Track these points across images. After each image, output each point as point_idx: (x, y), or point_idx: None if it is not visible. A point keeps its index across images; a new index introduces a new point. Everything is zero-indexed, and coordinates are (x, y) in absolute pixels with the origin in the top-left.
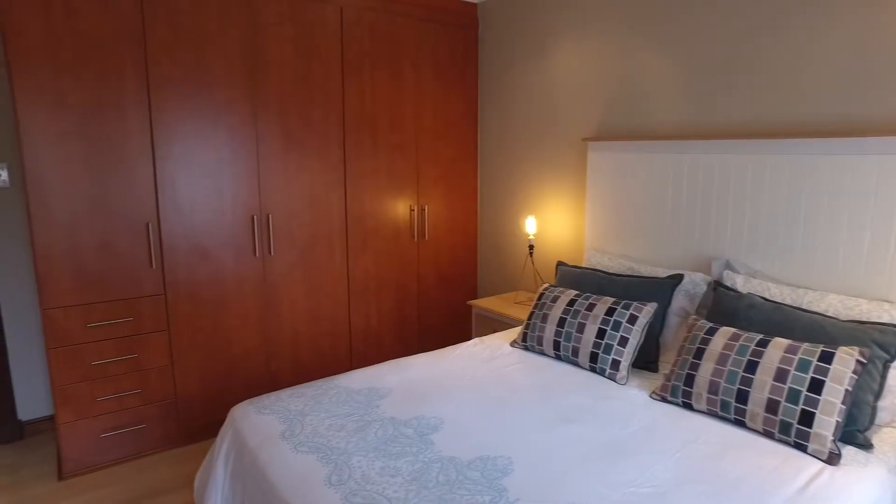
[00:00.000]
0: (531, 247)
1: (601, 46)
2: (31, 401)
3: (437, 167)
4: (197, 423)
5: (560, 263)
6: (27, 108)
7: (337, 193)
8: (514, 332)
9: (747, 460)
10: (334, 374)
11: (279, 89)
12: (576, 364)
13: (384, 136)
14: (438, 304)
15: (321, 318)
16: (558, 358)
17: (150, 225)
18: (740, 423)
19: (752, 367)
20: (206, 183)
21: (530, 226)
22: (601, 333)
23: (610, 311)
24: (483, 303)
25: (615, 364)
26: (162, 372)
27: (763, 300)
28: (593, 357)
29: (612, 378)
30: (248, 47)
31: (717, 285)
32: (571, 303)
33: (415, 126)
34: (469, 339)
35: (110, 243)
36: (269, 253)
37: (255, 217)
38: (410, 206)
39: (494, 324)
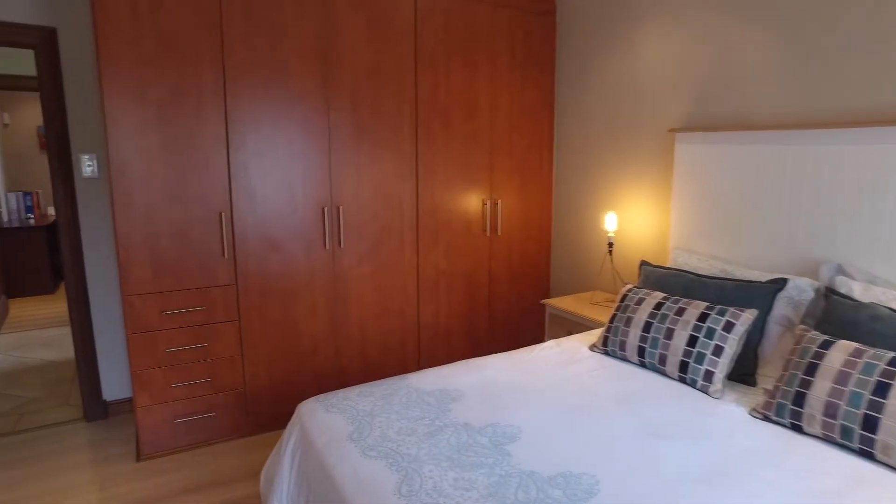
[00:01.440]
0: (610, 245)
1: (692, 28)
2: (114, 382)
3: (511, 159)
4: (265, 414)
5: (644, 263)
6: (113, 100)
7: (408, 185)
8: (593, 336)
9: (881, 502)
10: (402, 371)
11: (352, 79)
12: (662, 373)
13: (457, 126)
14: (509, 301)
15: (390, 313)
16: (642, 365)
17: (223, 215)
18: (867, 455)
19: (882, 389)
20: (277, 173)
21: (610, 222)
22: (692, 341)
23: (703, 317)
24: (557, 302)
25: (708, 375)
26: (232, 362)
27: (891, 311)
28: (683, 366)
29: (704, 391)
30: (322, 36)
31: (829, 292)
32: (658, 306)
33: (489, 117)
34: (541, 340)
35: (185, 232)
36: (339, 245)
37: (325, 209)
38: (483, 199)
39: (569, 325)
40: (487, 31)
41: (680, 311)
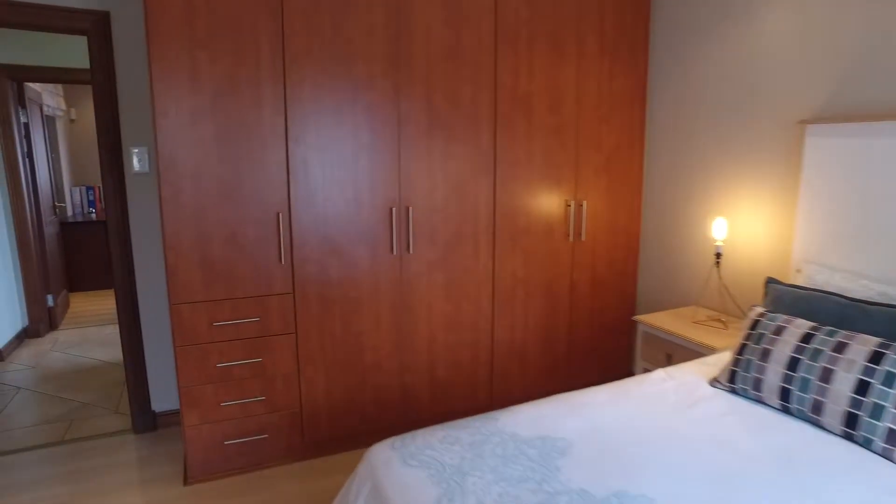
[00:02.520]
0: (718, 255)
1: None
2: (164, 392)
3: (599, 156)
4: (322, 436)
5: (771, 280)
6: (162, 86)
7: (485, 185)
8: (709, 366)
9: None
10: (472, 392)
11: (425, 63)
12: (817, 424)
13: (540, 118)
14: (591, 315)
15: (461, 327)
16: (786, 411)
17: (280, 215)
18: None
19: None
20: (341, 170)
21: (718, 229)
22: (863, 388)
23: (876, 357)
24: (652, 319)
25: (893, 436)
26: (287, 379)
27: None
28: (851, 420)
29: (888, 456)
30: (393, 14)
31: None
32: (807, 338)
33: (575, 107)
34: (627, 361)
35: (239, 235)
36: (408, 250)
37: (393, 209)
38: (567, 200)
39: (667, 346)
40: (574, 8)
41: (839, 347)
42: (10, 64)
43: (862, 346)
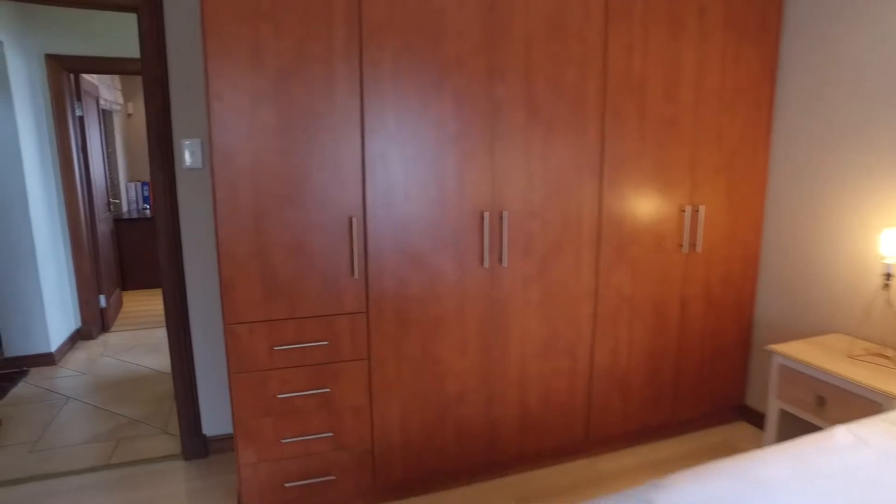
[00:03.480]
0: (888, 276)
1: None
2: (216, 414)
3: (719, 153)
4: (396, 479)
5: None
6: (218, 65)
7: (590, 185)
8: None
9: None
10: (568, 427)
11: (524, 38)
12: None
13: (654, 106)
14: (703, 338)
15: (557, 352)
16: None
17: (353, 220)
18: None
19: None
20: (424, 166)
21: (889, 244)
22: None
23: None
24: (792, 350)
25: None
26: (358, 412)
27: None
28: None
29: None
30: None
31: None
32: None
33: (693, 93)
34: (742, 393)
35: (305, 243)
36: (500, 262)
37: (485, 214)
38: (681, 205)
39: (816, 386)
40: None
41: None
42: (66, 55)
43: None
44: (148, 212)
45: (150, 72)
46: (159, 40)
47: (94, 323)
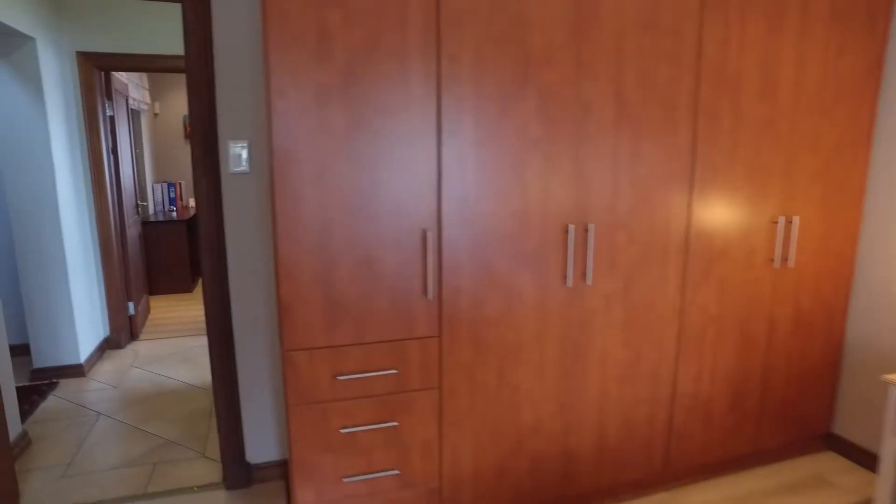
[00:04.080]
0: None
1: None
2: (261, 439)
3: (816, 158)
4: None
5: None
6: (282, 58)
7: (679, 194)
8: None
9: None
10: (647, 458)
11: (614, 32)
12: None
13: (750, 107)
14: (790, 361)
15: (639, 376)
16: None
17: (428, 234)
18: None
19: None
20: (504, 174)
21: None
22: None
23: None
24: None
25: None
26: (426, 447)
27: None
28: None
29: None
30: None
31: None
32: None
33: (792, 92)
34: (827, 420)
35: (374, 259)
36: (584, 280)
37: (570, 227)
38: (773, 215)
39: None
40: None
41: None
42: (97, 52)
43: None
44: (175, 214)
45: (195, 69)
46: (206, 34)
47: (122, 331)
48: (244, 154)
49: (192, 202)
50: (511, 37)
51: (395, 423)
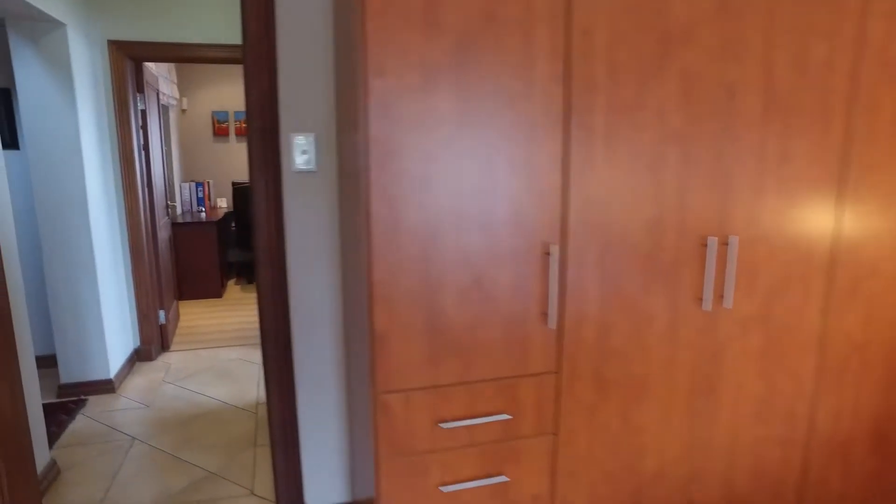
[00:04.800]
0: None
1: None
2: (322, 481)
3: None
4: None
5: None
6: (381, 26)
7: (826, 199)
8: None
9: None
10: None
11: (766, 1)
12: None
13: None
14: None
15: (773, 413)
16: None
17: (550, 248)
18: None
19: None
20: (637, 175)
21: None
22: None
23: None
24: None
25: None
26: (536, 502)
27: None
28: None
29: None
30: None
31: None
32: None
33: None
34: None
35: (486, 279)
36: (722, 302)
37: (710, 240)
38: None
39: None
40: None
41: None
42: (129, 41)
43: None
44: (203, 214)
45: (254, 49)
46: (268, 6)
47: (153, 342)
48: (310, 149)
49: (220, 202)
50: (649, 7)
51: (504, 478)
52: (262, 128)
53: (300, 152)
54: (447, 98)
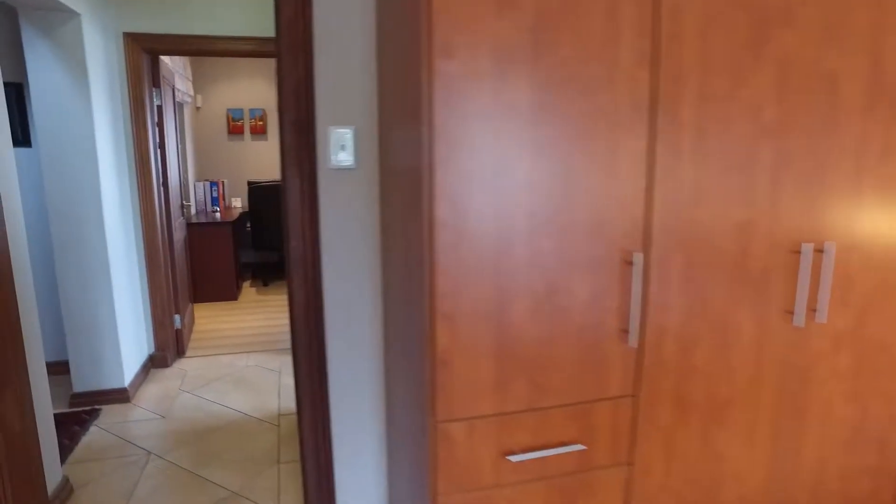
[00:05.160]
0: None
1: None
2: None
3: None
4: None
5: None
6: (446, 4)
7: None
8: None
9: None
10: None
11: None
12: None
13: None
14: None
15: (865, 442)
16: None
17: (633, 256)
18: None
19: None
20: (728, 174)
21: None
22: None
23: None
24: None
25: None
26: None
27: None
28: None
29: None
30: None
31: None
32: None
33: None
34: None
35: (559, 291)
36: (815, 317)
37: (804, 246)
38: None
39: None
40: None
41: None
42: (146, 33)
43: None
44: (218, 215)
45: (289, 33)
46: None
47: (168, 348)
48: (349, 143)
49: (234, 202)
50: None
51: None
52: (297, 120)
53: (338, 147)
54: (521, 85)
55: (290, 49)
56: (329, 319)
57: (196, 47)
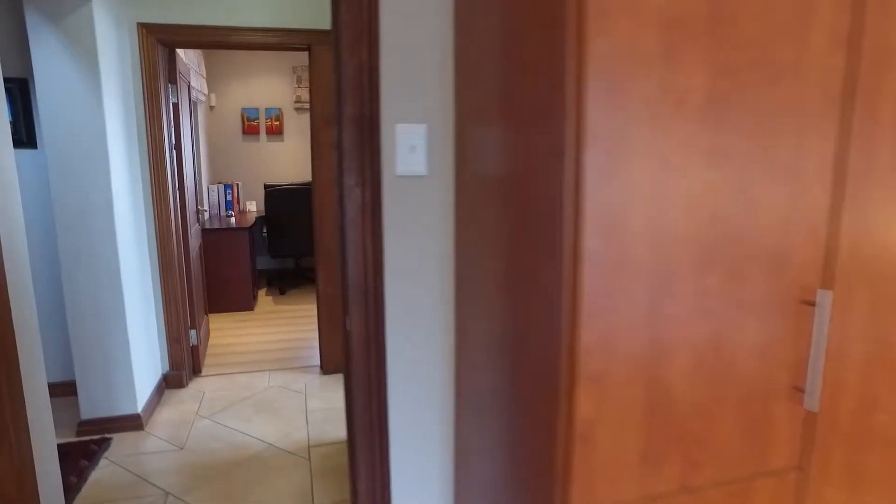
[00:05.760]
0: None
1: None
2: None
3: None
4: None
5: None
6: None
7: None
8: None
9: None
10: None
11: None
12: None
13: None
14: None
15: None
16: None
17: (818, 295)
18: None
19: None
20: None
21: None
22: None
23: None
24: None
25: None
26: None
27: None
28: None
29: None
30: None
31: None
32: None
33: None
34: None
35: (725, 340)
36: None
37: None
38: None
39: None
40: None
41: None
42: (161, 24)
43: None
44: (233, 220)
45: (350, 9)
46: None
47: (183, 367)
48: (421, 145)
49: (249, 206)
50: None
51: None
52: (359, 116)
53: (408, 149)
54: (693, 72)
55: (351, 28)
56: (391, 358)
57: (217, 39)
